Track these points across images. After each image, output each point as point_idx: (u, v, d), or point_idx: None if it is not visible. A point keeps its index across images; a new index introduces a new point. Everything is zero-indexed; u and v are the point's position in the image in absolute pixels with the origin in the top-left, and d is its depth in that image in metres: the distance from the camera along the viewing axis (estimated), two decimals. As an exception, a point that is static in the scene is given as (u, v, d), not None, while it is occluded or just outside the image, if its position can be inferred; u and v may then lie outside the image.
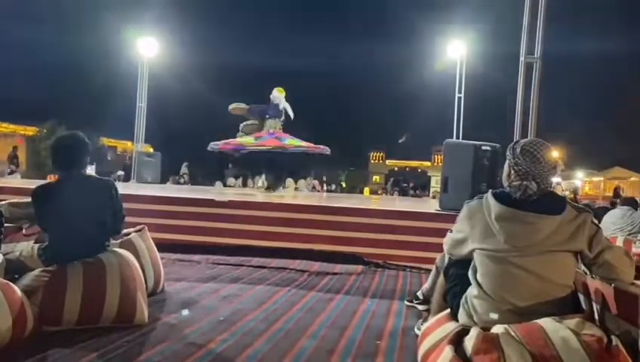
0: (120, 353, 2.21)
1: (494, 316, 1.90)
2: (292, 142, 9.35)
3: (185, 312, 2.90)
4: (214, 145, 9.41)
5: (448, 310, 2.18)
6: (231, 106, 9.84)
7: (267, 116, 9.48)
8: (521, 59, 7.08)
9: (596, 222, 2.00)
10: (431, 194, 19.84)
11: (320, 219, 5.37)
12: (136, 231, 3.41)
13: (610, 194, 12.55)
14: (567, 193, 18.99)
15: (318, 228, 5.25)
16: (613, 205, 8.01)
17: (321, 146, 9.60)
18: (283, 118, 9.56)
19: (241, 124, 9.76)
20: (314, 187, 14.25)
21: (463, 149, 5.61)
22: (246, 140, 9.29)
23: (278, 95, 9.49)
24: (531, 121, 6.96)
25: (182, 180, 15.44)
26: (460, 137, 12.67)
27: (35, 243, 3.00)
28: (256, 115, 9.64)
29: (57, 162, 2.76)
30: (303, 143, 9.50)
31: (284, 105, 9.54)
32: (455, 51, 13.38)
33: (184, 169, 16.08)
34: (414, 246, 4.99)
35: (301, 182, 12.95)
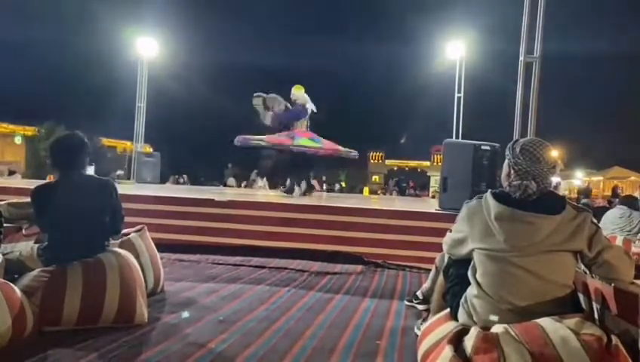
0: (120, 353, 2.21)
1: (494, 318, 1.90)
2: (314, 143, 8.50)
3: (185, 314, 2.89)
4: (246, 139, 8.17)
5: (448, 310, 2.18)
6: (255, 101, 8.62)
7: (301, 119, 8.53)
8: (521, 58, 7.06)
9: (595, 221, 2.00)
10: (430, 194, 19.85)
11: (319, 219, 5.37)
12: (135, 231, 3.41)
13: (610, 193, 12.56)
14: (566, 193, 18.99)
15: (317, 227, 5.26)
16: (611, 204, 8.04)
17: (353, 151, 8.94)
18: (308, 117, 8.69)
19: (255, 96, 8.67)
20: (314, 187, 14.22)
21: (462, 149, 5.61)
22: (293, 140, 8.27)
23: (298, 94, 8.55)
24: (531, 120, 6.95)
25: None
26: (460, 137, 12.65)
27: (34, 243, 3.00)
28: (284, 122, 8.54)
29: (56, 162, 2.76)
30: (330, 144, 8.72)
31: (309, 104, 8.61)
32: (454, 51, 13.37)
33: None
34: (414, 246, 4.99)
35: (304, 182, 12.89)
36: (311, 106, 8.72)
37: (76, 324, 2.50)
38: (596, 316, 2.05)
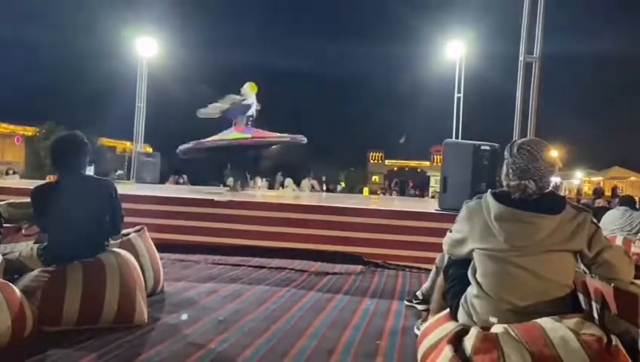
0: (119, 353, 2.21)
1: (494, 320, 1.90)
2: (241, 135, 8.84)
3: (184, 317, 2.89)
4: (185, 148, 8.91)
5: (448, 310, 2.18)
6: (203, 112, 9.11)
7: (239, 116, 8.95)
8: (521, 58, 7.07)
9: (595, 221, 2.00)
10: (430, 194, 19.86)
11: (320, 219, 5.36)
12: (135, 232, 3.41)
13: (609, 193, 12.58)
14: (566, 193, 18.98)
15: (317, 228, 5.25)
16: (610, 204, 8.05)
17: (296, 136, 9.09)
18: (249, 114, 9.02)
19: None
20: (313, 187, 14.23)
21: (462, 149, 5.61)
22: (224, 136, 8.85)
23: (249, 91, 8.95)
24: (530, 120, 6.96)
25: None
26: (460, 137, 12.65)
27: (34, 243, 3.00)
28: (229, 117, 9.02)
29: (56, 162, 2.76)
30: (274, 136, 8.99)
31: (254, 104, 8.99)
32: (454, 51, 13.38)
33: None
34: (414, 246, 4.99)
35: (304, 181, 12.91)
36: (254, 106, 9.04)
37: (76, 324, 2.49)
38: (596, 316, 2.05)
